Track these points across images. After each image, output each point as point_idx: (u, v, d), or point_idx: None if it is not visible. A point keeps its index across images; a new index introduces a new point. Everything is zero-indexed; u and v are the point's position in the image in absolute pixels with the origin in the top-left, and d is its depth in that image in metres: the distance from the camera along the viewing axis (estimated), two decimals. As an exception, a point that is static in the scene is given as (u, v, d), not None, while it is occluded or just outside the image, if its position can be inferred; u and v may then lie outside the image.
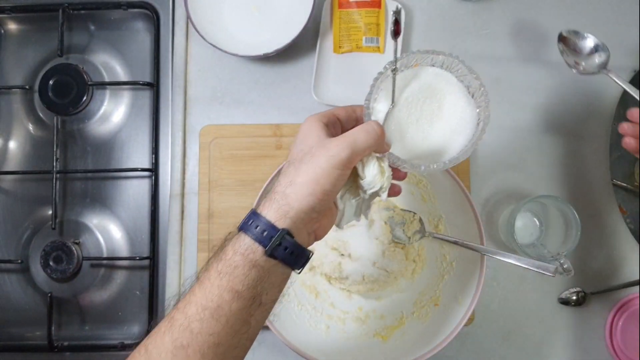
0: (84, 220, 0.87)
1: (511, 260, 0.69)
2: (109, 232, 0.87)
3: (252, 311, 0.47)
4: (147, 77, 0.87)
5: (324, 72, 0.84)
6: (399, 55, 0.53)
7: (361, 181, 0.51)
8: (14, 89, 0.90)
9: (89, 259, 0.86)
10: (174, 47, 0.86)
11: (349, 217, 0.55)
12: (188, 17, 0.80)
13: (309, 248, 0.50)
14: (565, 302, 0.81)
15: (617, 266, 0.82)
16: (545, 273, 0.67)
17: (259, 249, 0.47)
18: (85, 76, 0.87)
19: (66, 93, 0.86)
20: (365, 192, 0.52)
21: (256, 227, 0.47)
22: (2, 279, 0.87)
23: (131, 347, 0.82)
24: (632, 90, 0.71)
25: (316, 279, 0.79)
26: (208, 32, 0.81)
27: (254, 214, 0.48)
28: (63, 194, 0.87)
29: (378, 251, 0.77)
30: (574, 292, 0.81)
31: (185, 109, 0.85)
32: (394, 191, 0.57)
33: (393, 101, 0.53)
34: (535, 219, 0.82)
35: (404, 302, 0.77)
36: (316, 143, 0.49)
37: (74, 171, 0.87)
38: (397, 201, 0.79)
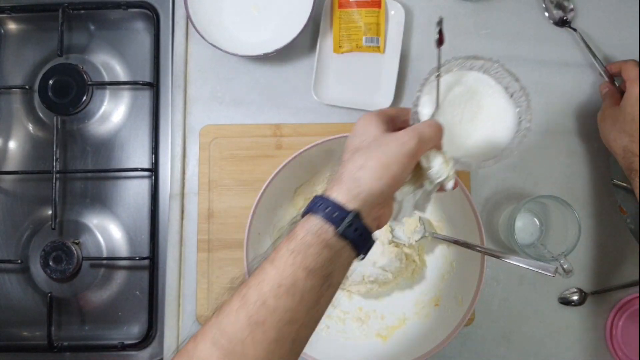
0: (83, 220, 0.87)
1: (511, 260, 0.69)
2: (108, 232, 0.87)
3: (323, 291, 0.47)
4: (147, 77, 0.87)
5: (324, 72, 0.84)
6: (442, 61, 0.56)
7: (428, 172, 0.53)
8: (13, 89, 0.90)
9: (88, 259, 0.85)
10: (174, 47, 0.86)
11: (406, 211, 0.57)
12: (188, 17, 0.80)
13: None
14: (565, 302, 0.81)
15: (617, 266, 0.82)
16: (546, 273, 0.67)
17: (330, 229, 0.47)
18: (85, 76, 0.87)
19: (66, 93, 0.86)
20: (431, 182, 0.54)
21: (326, 209, 0.48)
22: (1, 279, 0.87)
23: (131, 347, 0.82)
24: (592, 54, 0.82)
25: (316, 279, 0.79)
26: (208, 32, 0.80)
27: (321, 198, 0.49)
28: (63, 194, 0.87)
29: (378, 251, 0.77)
30: (574, 292, 0.81)
31: (185, 108, 0.85)
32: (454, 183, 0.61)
33: (437, 105, 0.56)
34: (536, 219, 0.82)
35: (404, 302, 0.77)
36: (380, 134, 0.51)
37: (73, 171, 0.87)
38: (397, 201, 0.79)
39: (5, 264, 0.86)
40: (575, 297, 0.81)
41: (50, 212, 0.85)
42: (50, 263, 0.83)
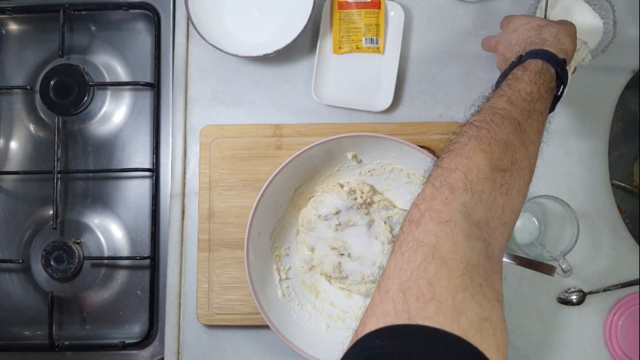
0: (85, 220, 0.87)
1: (510, 260, 0.69)
2: (110, 231, 0.87)
3: (547, 115, 0.57)
4: (147, 78, 0.88)
5: (324, 73, 0.84)
6: None
7: (576, 52, 0.68)
8: (15, 90, 0.90)
9: (90, 258, 0.86)
10: (175, 47, 0.87)
11: None
12: (189, 18, 0.80)
13: None
14: (564, 301, 0.81)
15: (616, 266, 0.82)
16: (545, 273, 0.67)
17: (551, 68, 0.59)
18: (86, 76, 0.87)
19: (67, 93, 0.86)
20: (576, 60, 0.69)
21: (544, 56, 0.60)
22: (3, 278, 0.87)
23: (132, 346, 0.83)
24: None
25: (316, 278, 0.79)
26: (208, 32, 0.81)
27: (535, 50, 0.61)
28: (64, 194, 0.88)
29: (378, 251, 0.77)
30: (573, 291, 0.81)
31: (185, 109, 0.86)
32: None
33: (545, 17, 0.75)
34: (535, 219, 0.82)
35: (403, 302, 0.77)
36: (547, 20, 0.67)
37: (75, 171, 0.88)
38: (397, 200, 0.79)
39: (6, 263, 0.87)
40: (574, 297, 0.81)
41: (51, 212, 0.85)
42: (52, 262, 0.84)
